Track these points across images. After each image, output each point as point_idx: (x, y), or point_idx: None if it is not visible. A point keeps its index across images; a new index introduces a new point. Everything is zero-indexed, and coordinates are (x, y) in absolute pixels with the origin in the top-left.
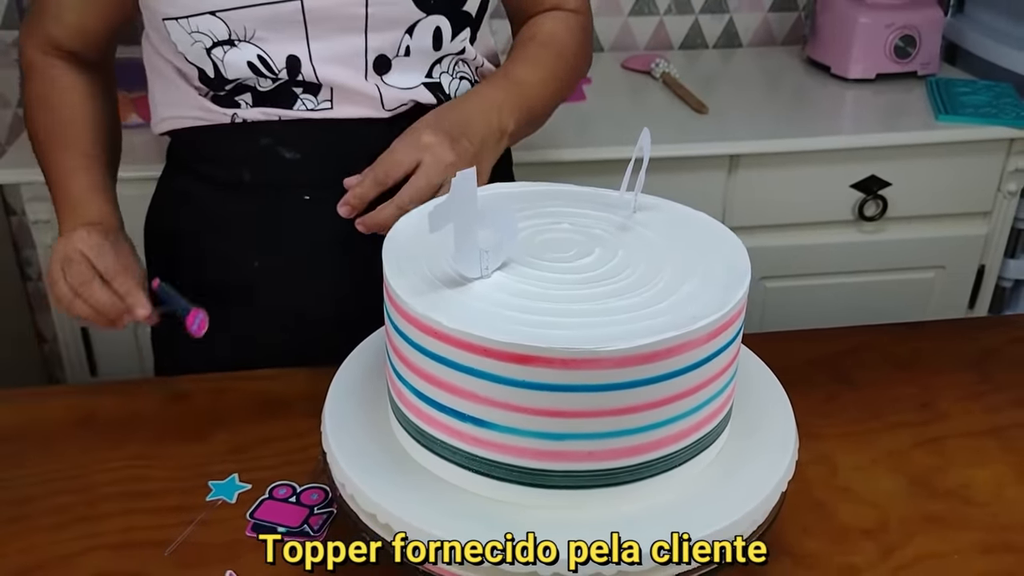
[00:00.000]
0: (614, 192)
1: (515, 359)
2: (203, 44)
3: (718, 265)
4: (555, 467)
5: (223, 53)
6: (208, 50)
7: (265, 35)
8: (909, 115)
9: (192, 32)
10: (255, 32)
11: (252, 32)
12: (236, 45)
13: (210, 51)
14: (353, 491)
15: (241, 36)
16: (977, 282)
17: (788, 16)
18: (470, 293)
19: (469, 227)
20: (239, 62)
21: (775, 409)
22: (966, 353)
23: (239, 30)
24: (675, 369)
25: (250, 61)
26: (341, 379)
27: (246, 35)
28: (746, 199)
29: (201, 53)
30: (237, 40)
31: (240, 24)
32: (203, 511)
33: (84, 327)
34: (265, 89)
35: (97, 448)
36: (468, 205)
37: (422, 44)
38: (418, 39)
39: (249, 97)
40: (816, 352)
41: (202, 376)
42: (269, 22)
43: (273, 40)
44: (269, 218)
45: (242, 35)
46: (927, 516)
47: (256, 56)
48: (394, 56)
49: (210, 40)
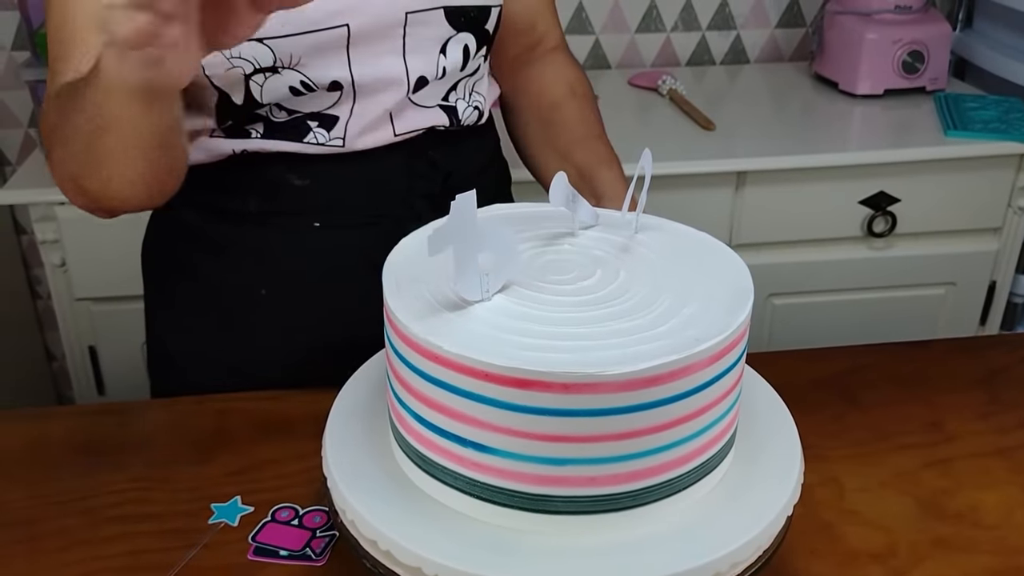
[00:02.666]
0: (615, 212)
1: (515, 383)
2: (242, 70)
3: (721, 286)
4: (557, 492)
5: (264, 79)
6: (248, 75)
7: (309, 61)
8: (918, 131)
9: (232, 57)
10: (300, 59)
11: (298, 59)
12: (279, 72)
13: (250, 76)
14: (354, 517)
15: (286, 63)
16: (988, 299)
17: (795, 32)
18: (470, 316)
19: (469, 250)
20: (280, 88)
21: (780, 431)
22: (974, 372)
23: (284, 57)
24: (678, 392)
25: (292, 86)
26: (342, 401)
27: (291, 62)
28: (754, 216)
29: (237, 79)
30: (281, 67)
31: (287, 52)
32: (206, 534)
33: (91, 345)
34: (279, 120)
35: (100, 470)
36: (468, 227)
37: (454, 63)
38: (451, 58)
39: (261, 127)
40: (822, 372)
41: (204, 397)
42: (315, 48)
43: (316, 66)
44: (276, 246)
45: (287, 62)
46: (936, 539)
47: (299, 82)
48: (434, 78)
49: (252, 66)
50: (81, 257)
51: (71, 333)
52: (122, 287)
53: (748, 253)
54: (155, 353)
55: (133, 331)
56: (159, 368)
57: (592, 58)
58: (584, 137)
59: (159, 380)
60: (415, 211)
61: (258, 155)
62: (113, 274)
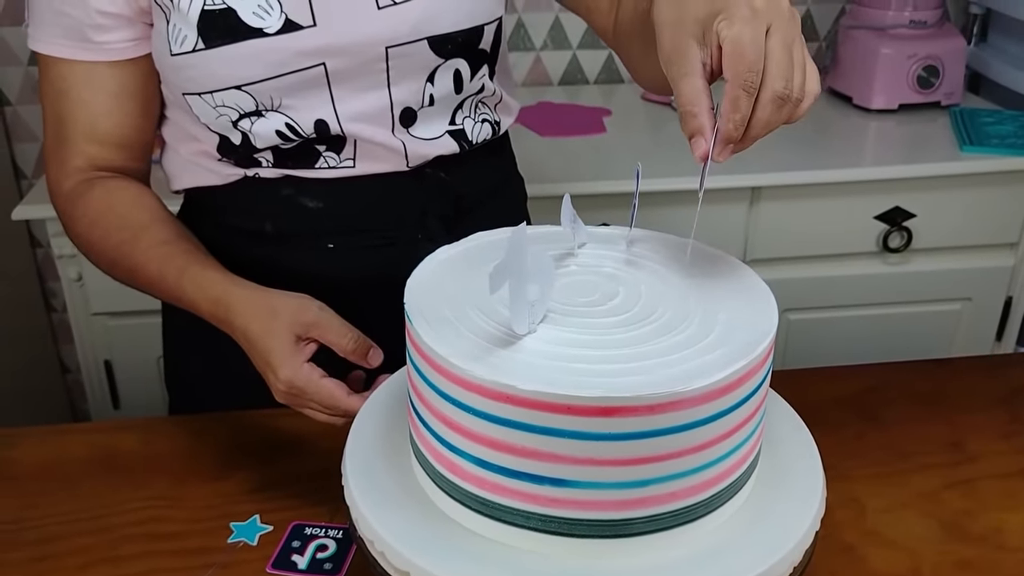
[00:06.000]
0: (604, 228)
1: (599, 412)
2: (229, 117)
3: (734, 287)
4: (633, 515)
5: (251, 124)
6: (235, 122)
7: (291, 102)
8: (933, 146)
9: (217, 106)
10: (281, 101)
11: (279, 101)
12: (263, 115)
13: (236, 123)
14: (383, 548)
15: (268, 106)
16: (1004, 314)
17: (809, 47)
18: (523, 350)
19: (521, 283)
20: (268, 131)
21: (800, 451)
22: (995, 391)
23: (265, 100)
24: (743, 397)
25: (278, 130)
26: (360, 426)
27: (273, 104)
28: (768, 231)
29: (227, 124)
30: (264, 110)
31: (267, 95)
32: (224, 553)
33: (107, 359)
34: (287, 147)
35: (119, 488)
36: (522, 261)
37: (444, 90)
38: (440, 86)
39: (270, 155)
40: (841, 390)
41: (222, 414)
42: (294, 89)
43: (300, 107)
44: (292, 266)
45: (269, 105)
46: (959, 562)
47: (284, 124)
48: (419, 107)
49: (236, 113)
50: (98, 272)
51: (87, 347)
52: (138, 302)
53: (763, 268)
54: (173, 370)
55: (149, 345)
56: (178, 385)
57: (605, 72)
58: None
59: (177, 397)
60: (429, 232)
61: (270, 179)
62: (129, 289)
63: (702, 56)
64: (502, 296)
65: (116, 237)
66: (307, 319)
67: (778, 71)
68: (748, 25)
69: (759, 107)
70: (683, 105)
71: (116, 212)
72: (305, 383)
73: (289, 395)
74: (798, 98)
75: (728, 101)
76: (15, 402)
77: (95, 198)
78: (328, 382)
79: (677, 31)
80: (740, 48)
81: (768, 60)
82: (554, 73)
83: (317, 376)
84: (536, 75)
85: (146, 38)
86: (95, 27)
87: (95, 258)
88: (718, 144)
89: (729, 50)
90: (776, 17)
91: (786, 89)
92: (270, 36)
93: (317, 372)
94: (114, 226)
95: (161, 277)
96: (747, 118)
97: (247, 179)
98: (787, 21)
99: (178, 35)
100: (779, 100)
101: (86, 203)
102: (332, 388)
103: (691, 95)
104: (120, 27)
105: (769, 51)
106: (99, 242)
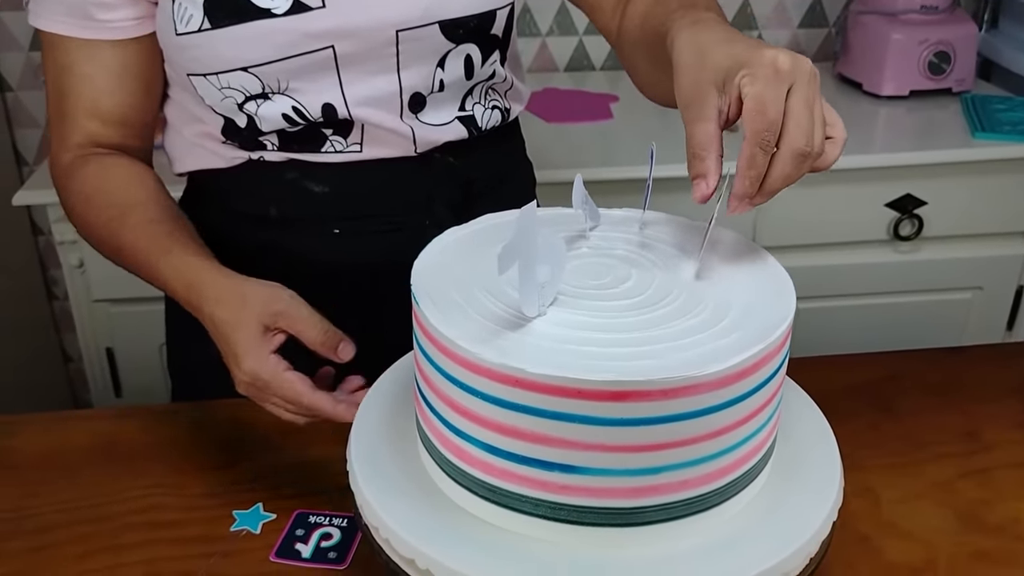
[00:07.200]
0: (616, 211)
1: (611, 396)
2: (234, 99)
3: (750, 270)
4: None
5: (256, 107)
6: (240, 104)
7: (299, 85)
8: (944, 133)
9: (223, 88)
10: (288, 83)
11: (286, 84)
12: (270, 98)
13: (242, 105)
14: (389, 535)
15: (275, 88)
16: (1016, 302)
17: (818, 32)
18: (533, 333)
19: (530, 264)
20: (274, 115)
21: (817, 439)
22: (1009, 380)
23: (272, 83)
24: (760, 383)
25: (285, 113)
26: (365, 413)
27: (280, 87)
28: (777, 218)
29: (232, 107)
30: (271, 93)
31: (273, 77)
32: (227, 541)
33: (108, 347)
34: (293, 130)
35: (120, 476)
36: (531, 241)
37: (454, 75)
38: (450, 71)
39: (276, 139)
40: (855, 379)
41: (224, 401)
42: (302, 72)
43: (307, 90)
44: (297, 251)
45: (276, 88)
46: (976, 553)
47: (291, 107)
48: (429, 93)
49: (242, 95)
50: (99, 258)
51: (88, 335)
52: (140, 289)
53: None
54: (175, 358)
55: (151, 333)
56: (180, 373)
57: (612, 59)
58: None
59: (180, 385)
60: (436, 218)
61: (275, 162)
62: (131, 275)
63: (719, 104)
64: (511, 278)
65: (106, 214)
66: (276, 308)
67: (799, 130)
68: (771, 84)
69: (779, 162)
70: (693, 148)
71: (108, 188)
72: (271, 375)
73: (252, 387)
74: (818, 152)
75: (745, 159)
76: (17, 393)
77: (91, 174)
78: (292, 375)
79: (698, 77)
80: (762, 107)
81: (789, 119)
82: (560, 59)
83: (282, 368)
84: (542, 61)
85: (150, 17)
86: (98, 5)
87: (86, 233)
88: (733, 199)
89: (751, 107)
90: (798, 77)
91: (807, 146)
92: (278, 17)
93: (283, 364)
94: (105, 203)
95: (145, 258)
96: (762, 175)
97: (251, 162)
98: (808, 81)
99: (183, 14)
100: (800, 156)
101: (83, 178)
102: (295, 381)
103: (703, 140)
104: (124, 5)
105: (790, 110)
106: (91, 218)
